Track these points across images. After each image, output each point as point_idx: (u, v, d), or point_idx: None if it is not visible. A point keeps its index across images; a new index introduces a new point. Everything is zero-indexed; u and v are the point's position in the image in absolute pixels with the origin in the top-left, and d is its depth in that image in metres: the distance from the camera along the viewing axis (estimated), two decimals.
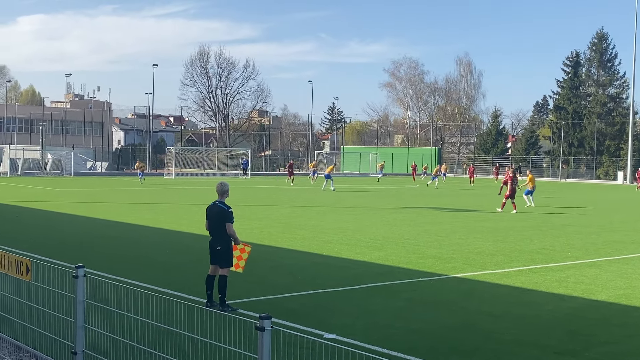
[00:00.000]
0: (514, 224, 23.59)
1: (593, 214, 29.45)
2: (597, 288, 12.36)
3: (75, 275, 6.54)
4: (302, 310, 10.22)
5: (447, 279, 13.10)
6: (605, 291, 12.10)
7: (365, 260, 15.00)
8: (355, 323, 9.52)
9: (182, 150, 73.82)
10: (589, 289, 12.30)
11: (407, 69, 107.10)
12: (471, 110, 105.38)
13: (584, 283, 12.81)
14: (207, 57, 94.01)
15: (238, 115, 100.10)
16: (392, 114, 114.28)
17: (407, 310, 10.44)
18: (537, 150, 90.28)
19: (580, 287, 12.46)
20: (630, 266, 14.84)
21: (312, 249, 16.42)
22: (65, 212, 24.75)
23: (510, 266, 14.53)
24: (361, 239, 18.56)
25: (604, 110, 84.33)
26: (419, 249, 16.85)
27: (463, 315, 10.19)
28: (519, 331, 9.31)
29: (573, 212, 30.23)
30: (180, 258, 15.01)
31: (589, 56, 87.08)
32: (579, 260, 15.53)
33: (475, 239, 19.07)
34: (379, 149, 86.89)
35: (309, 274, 13.33)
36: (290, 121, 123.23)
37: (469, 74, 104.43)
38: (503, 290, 12.15)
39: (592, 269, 14.47)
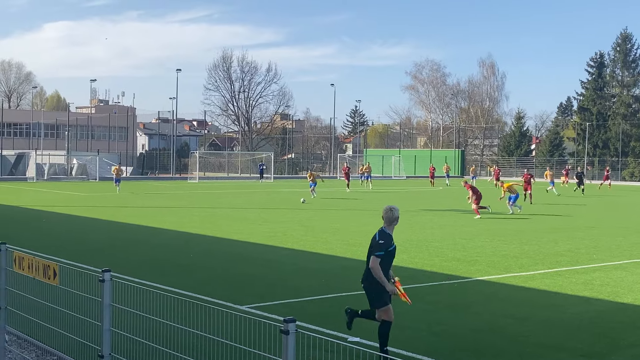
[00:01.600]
0: (538, 226, 23.41)
1: (618, 215, 29.13)
2: (623, 291, 12.24)
3: (102, 279, 6.62)
4: (326, 314, 10.24)
5: (471, 281, 13.05)
6: (631, 294, 11.98)
7: None
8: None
9: (205, 155, 74.21)
10: (615, 291, 12.18)
11: (429, 71, 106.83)
12: (494, 112, 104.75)
13: (609, 285, 12.69)
14: (230, 61, 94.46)
15: (261, 119, 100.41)
16: (415, 117, 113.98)
17: (430, 313, 10.42)
18: (562, 152, 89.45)
19: (606, 289, 12.35)
20: None
21: (335, 252, 16.43)
22: (91, 216, 25.01)
23: (535, 269, 14.43)
24: None
25: (628, 111, 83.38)
26: (443, 251, 16.80)
27: (487, 318, 10.15)
28: (543, 334, 9.25)
29: (598, 214, 29.93)
30: (203, 261, 15.11)
31: (613, 57, 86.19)
32: (605, 263, 15.39)
33: (499, 241, 18.96)
34: (402, 152, 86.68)
35: (333, 277, 13.34)
36: (312, 124, 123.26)
37: (492, 75, 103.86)
38: (528, 293, 12.08)
39: (618, 271, 14.33)
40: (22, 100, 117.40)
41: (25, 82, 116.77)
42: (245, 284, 12.50)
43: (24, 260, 7.55)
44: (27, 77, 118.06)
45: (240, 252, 16.38)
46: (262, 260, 15.40)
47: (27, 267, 7.48)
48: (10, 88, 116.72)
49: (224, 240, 18.48)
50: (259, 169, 61.46)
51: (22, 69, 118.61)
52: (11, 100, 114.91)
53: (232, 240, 18.45)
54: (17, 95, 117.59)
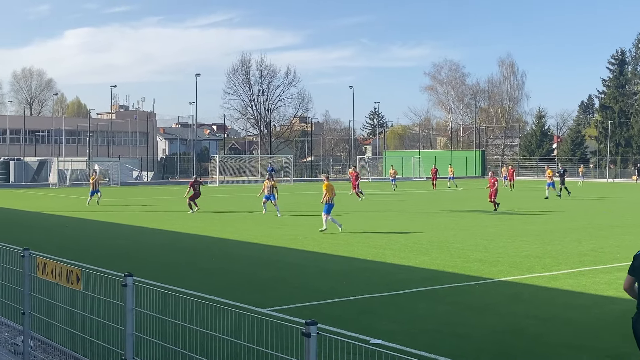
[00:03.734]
0: (561, 225, 23.22)
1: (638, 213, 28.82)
2: None
3: (124, 284, 6.66)
4: (348, 316, 10.23)
5: (493, 282, 12.97)
6: None
7: (410, 265, 14.94)
8: (401, 328, 9.49)
9: (225, 158, 74.46)
10: None
11: (448, 71, 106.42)
12: (515, 111, 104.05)
13: None
14: (249, 65, 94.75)
15: (280, 122, 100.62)
16: (434, 117, 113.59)
17: (453, 315, 10.37)
18: (584, 151, 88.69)
19: None
20: None
21: (356, 254, 16.41)
22: (113, 221, 25.19)
23: (558, 269, 14.31)
24: (406, 243, 18.48)
25: None
26: (464, 252, 16.71)
27: (510, 319, 10.07)
28: (568, 335, 9.17)
29: (621, 212, 29.62)
30: (225, 265, 15.16)
31: (634, 54, 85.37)
32: (629, 262, 15.18)
33: (521, 241, 18.83)
34: (422, 153, 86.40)
35: (353, 279, 13.32)
36: (331, 127, 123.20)
37: (511, 74, 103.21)
38: (551, 293, 11.98)
39: None
40: (43, 107, 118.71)
41: (46, 89, 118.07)
42: (266, 287, 12.52)
43: (47, 266, 7.61)
44: (48, 84, 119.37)
45: (260, 256, 16.41)
46: (283, 263, 15.41)
47: (50, 272, 7.55)
48: (32, 95, 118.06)
49: (244, 244, 18.52)
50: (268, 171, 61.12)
51: (43, 76, 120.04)
52: (33, 107, 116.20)
53: (252, 244, 18.49)
54: (39, 102, 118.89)
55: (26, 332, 8.12)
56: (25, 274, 8.11)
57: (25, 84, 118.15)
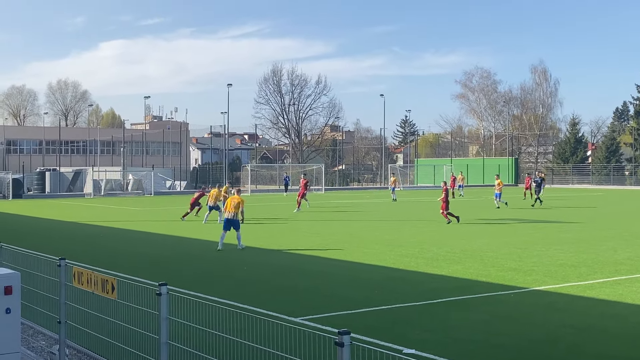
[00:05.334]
0: (596, 234, 22.89)
1: None
2: None
3: (159, 293, 6.73)
4: (380, 325, 10.19)
5: (528, 292, 12.83)
6: None
7: (443, 274, 14.84)
8: (434, 338, 9.43)
9: (257, 167, 74.83)
10: None
11: (479, 79, 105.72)
12: (548, 118, 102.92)
13: None
14: (280, 75, 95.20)
15: (311, 131, 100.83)
16: (466, 125, 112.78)
17: (487, 324, 10.27)
18: (619, 158, 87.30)
19: None
20: None
21: (388, 263, 16.36)
22: (148, 230, 25.44)
23: (594, 278, 14.11)
24: (438, 252, 18.37)
25: None
26: (498, 261, 16.56)
27: (545, 328, 9.95)
28: (604, 344, 9.03)
29: None
30: (257, 274, 15.20)
31: None
32: None
33: (556, 250, 18.60)
34: (454, 161, 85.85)
35: (386, 288, 13.28)
36: (363, 135, 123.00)
37: (544, 81, 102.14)
38: (587, 302, 11.81)
39: None
40: (78, 118, 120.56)
41: (81, 101, 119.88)
42: (298, 296, 12.53)
43: (83, 275, 7.72)
44: (83, 95, 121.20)
45: (292, 265, 16.43)
46: (314, 272, 15.42)
47: (86, 282, 7.66)
48: (67, 106, 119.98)
49: (276, 252, 18.57)
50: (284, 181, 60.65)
51: (78, 87, 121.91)
52: (68, 118, 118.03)
53: (284, 252, 18.53)
54: (74, 113, 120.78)
55: (62, 341, 8.23)
56: (62, 283, 8.24)
57: (60, 96, 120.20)
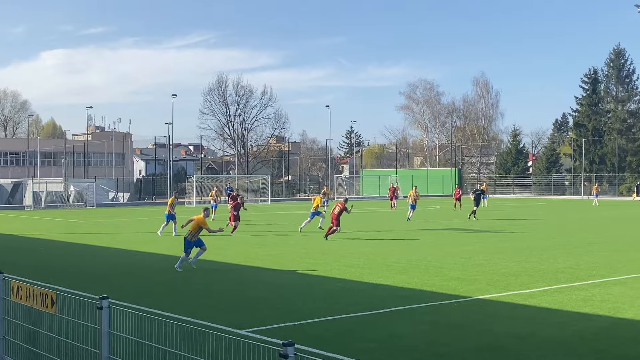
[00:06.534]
0: (537, 243, 23.39)
1: (616, 231, 29.13)
2: (623, 306, 12.20)
3: (100, 307, 6.59)
4: (327, 336, 10.18)
5: (471, 300, 13.00)
6: (632, 309, 11.94)
7: (389, 283, 14.93)
8: (380, 347, 9.47)
9: (202, 179, 74.19)
10: (616, 307, 12.14)
11: (423, 90, 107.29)
12: (490, 129, 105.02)
13: (610, 301, 12.65)
14: (225, 85, 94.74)
15: (257, 142, 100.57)
16: (411, 136, 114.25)
17: (432, 334, 10.37)
18: (559, 169, 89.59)
19: (607, 305, 12.30)
20: None
21: (334, 274, 16.38)
22: (89, 243, 24.92)
23: (535, 286, 14.39)
24: (383, 262, 18.49)
25: (624, 126, 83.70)
26: (442, 271, 16.75)
27: (489, 337, 10.09)
28: (546, 352, 9.20)
29: (596, 229, 29.93)
30: (205, 286, 15.04)
31: (606, 73, 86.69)
32: (605, 279, 15.35)
33: (498, 259, 18.92)
34: (398, 171, 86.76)
35: (332, 299, 13.29)
36: (309, 146, 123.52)
37: (486, 93, 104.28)
38: (528, 311, 12.03)
39: (618, 286, 14.30)
40: (18, 128, 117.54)
41: (21, 111, 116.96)
42: (247, 308, 12.44)
43: (22, 289, 7.51)
44: (23, 105, 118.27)
45: (239, 276, 16.32)
46: (261, 283, 15.34)
47: (24, 296, 7.45)
48: (6, 117, 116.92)
49: (222, 264, 18.41)
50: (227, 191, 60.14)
51: (17, 97, 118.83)
52: (7, 129, 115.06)
53: (231, 264, 18.38)
54: (13, 123, 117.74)
55: (0, 357, 7.98)
56: (0, 297, 8.00)
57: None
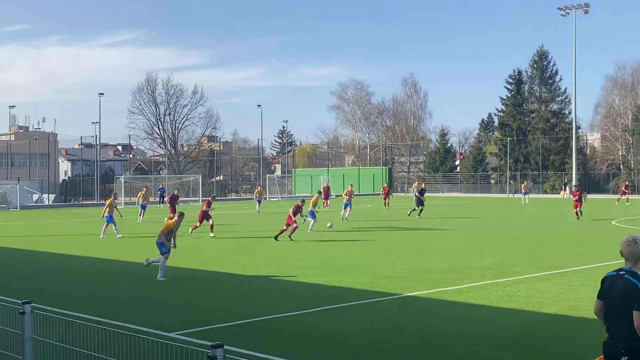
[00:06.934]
0: (465, 240, 23.88)
1: (541, 228, 30.02)
2: (547, 301, 12.57)
3: (22, 312, 6.38)
4: (257, 337, 10.13)
5: (401, 298, 13.17)
6: (555, 304, 12.31)
7: (320, 283, 14.98)
8: (312, 346, 9.48)
9: (131, 179, 72.87)
10: (540, 302, 12.50)
11: (353, 90, 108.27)
12: (419, 129, 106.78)
13: (534, 297, 13.02)
14: (155, 84, 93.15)
15: (187, 142, 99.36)
16: (342, 136, 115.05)
17: (363, 332, 10.44)
18: (485, 167, 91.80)
19: (531, 300, 12.65)
20: (578, 278, 15.14)
21: (267, 274, 16.33)
22: (11, 246, 24.13)
23: (463, 283, 14.68)
24: (315, 262, 18.54)
25: (547, 125, 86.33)
26: (373, 269, 16.91)
27: (419, 333, 10.24)
28: (475, 347, 9.39)
29: (522, 226, 30.77)
30: (134, 289, 14.77)
31: (530, 74, 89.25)
32: (529, 275, 15.78)
33: (428, 257, 19.23)
34: (330, 171, 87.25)
35: (264, 299, 13.24)
36: (240, 146, 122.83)
37: (414, 94, 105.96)
38: (456, 307, 12.26)
39: (542, 282, 14.73)
40: None
41: None
42: (177, 311, 12.26)
43: None
44: None
45: (170, 279, 16.11)
46: (192, 285, 15.16)
47: None
48: None
49: (153, 267, 18.11)
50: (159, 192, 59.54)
51: None
52: None
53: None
54: None
55: None
56: None
57: None
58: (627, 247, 5.80)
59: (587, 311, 11.59)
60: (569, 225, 30.17)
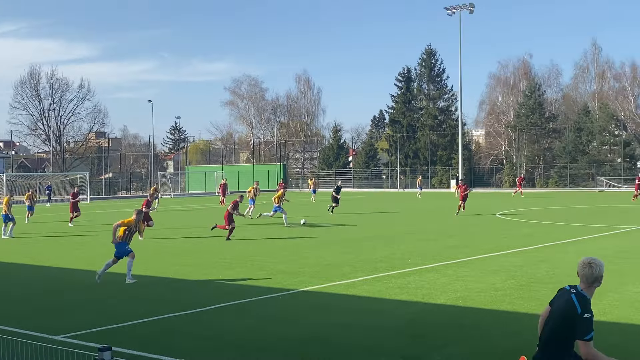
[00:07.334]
0: (357, 234, 24.26)
1: (431, 221, 30.91)
2: (436, 292, 12.95)
3: None
4: (151, 337, 9.89)
5: (295, 293, 13.21)
6: (444, 294, 12.70)
7: (214, 279, 14.82)
8: (206, 345, 9.36)
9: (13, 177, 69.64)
10: (429, 293, 12.86)
11: (247, 86, 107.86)
12: (313, 125, 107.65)
13: (424, 288, 13.38)
14: (38, 78, 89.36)
15: (74, 138, 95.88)
16: (236, 132, 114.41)
17: (258, 328, 10.40)
18: (377, 163, 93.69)
19: (421, 292, 13.00)
20: (466, 269, 15.69)
21: (159, 273, 15.99)
22: None
23: (356, 276, 14.90)
24: (209, 259, 18.33)
25: (435, 122, 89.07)
26: (268, 265, 16.89)
27: (314, 328, 10.30)
28: (366, 339, 9.54)
29: (411, 220, 31.58)
30: (17, 291, 14.10)
31: (419, 71, 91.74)
32: (419, 266, 16.22)
33: (322, 251, 19.40)
34: (224, 167, 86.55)
35: (156, 298, 12.96)
36: (130, 142, 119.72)
37: (308, 90, 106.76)
38: (349, 300, 12.43)
39: (431, 273, 15.16)
40: None
41: None
42: (63, 312, 11.80)
43: None
44: None
45: (57, 279, 15.51)
46: (82, 285, 14.64)
47: None
48: None
49: (38, 268, 17.38)
50: (46, 190, 57.53)
51: None
52: None
53: (47, 267, 17.40)
54: None
55: None
56: None
57: None
58: (582, 270, 5.67)
59: (474, 301, 12.04)
60: (457, 218, 31.22)
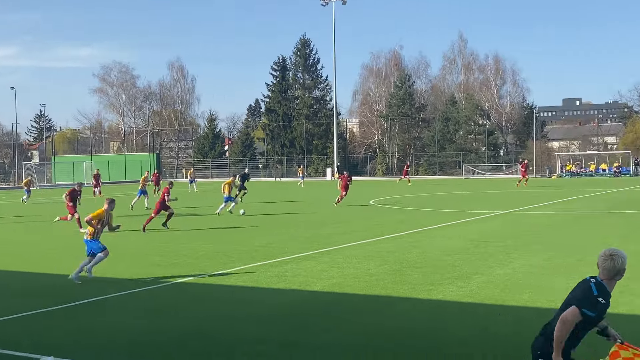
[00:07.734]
0: (234, 224, 24.15)
1: (306, 209, 31.26)
2: (313, 280, 13.12)
3: None
4: (14, 335, 9.42)
5: (172, 285, 12.99)
6: (320, 282, 12.89)
7: (84, 274, 14.30)
8: (76, 341, 9.03)
9: None
10: (306, 281, 13.01)
11: (117, 73, 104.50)
12: (187, 114, 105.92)
13: (301, 276, 13.52)
14: None
15: None
16: (106, 120, 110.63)
17: (130, 321, 10.15)
18: (253, 152, 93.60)
19: (298, 280, 13.13)
20: (341, 256, 15.98)
21: (30, 269, 15.25)
22: None
23: (232, 266, 14.84)
24: (78, 252, 17.67)
25: (310, 111, 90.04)
26: (142, 257, 16.52)
27: (189, 321, 10.16)
28: (246, 329, 9.53)
29: (288, 208, 31.81)
30: None
31: (294, 61, 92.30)
32: (296, 255, 16.36)
33: (197, 242, 19.18)
34: (94, 157, 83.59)
35: (28, 294, 12.36)
36: None
37: (182, 78, 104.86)
38: (226, 291, 12.37)
39: (308, 261, 15.34)
40: None
41: None
42: None
43: None
44: None
45: None
46: None
47: None
48: None
49: None
50: None
51: None
52: None
53: None
54: None
55: None
56: None
57: None
58: (602, 262, 5.38)
59: (350, 287, 12.30)
60: (334, 207, 31.72)
